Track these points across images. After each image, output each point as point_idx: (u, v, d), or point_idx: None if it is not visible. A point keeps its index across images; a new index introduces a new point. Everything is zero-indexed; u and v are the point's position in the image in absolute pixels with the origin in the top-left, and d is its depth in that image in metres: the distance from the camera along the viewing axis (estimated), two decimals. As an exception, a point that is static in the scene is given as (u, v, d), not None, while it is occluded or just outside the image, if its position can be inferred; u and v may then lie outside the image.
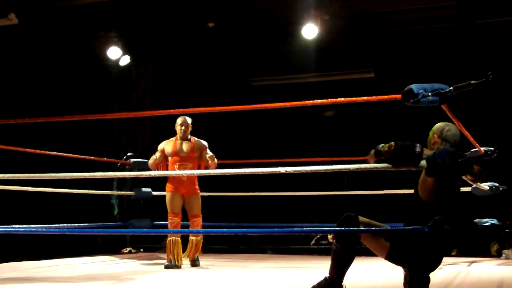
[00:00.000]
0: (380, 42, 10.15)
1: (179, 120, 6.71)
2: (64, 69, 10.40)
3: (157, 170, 6.76)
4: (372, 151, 3.89)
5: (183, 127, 6.69)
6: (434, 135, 4.12)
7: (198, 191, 6.73)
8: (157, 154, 6.76)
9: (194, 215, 6.66)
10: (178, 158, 6.64)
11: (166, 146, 6.75)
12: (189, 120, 6.75)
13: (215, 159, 6.57)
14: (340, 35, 9.89)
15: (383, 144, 3.79)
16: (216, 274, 6.05)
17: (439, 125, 4.15)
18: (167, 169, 6.73)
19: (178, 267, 6.49)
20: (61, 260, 7.20)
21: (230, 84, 11.13)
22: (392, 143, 3.74)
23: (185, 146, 6.66)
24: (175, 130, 6.76)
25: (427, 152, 3.87)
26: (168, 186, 6.71)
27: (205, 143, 6.75)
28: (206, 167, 6.61)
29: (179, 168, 6.58)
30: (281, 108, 4.97)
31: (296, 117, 10.54)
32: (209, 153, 6.65)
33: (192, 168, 6.61)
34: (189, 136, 6.74)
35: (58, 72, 10.33)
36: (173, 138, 6.76)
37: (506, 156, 3.97)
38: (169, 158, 6.71)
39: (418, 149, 3.68)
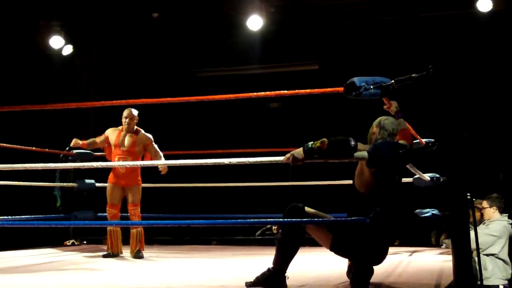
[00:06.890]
0: (325, 34, 10.22)
1: (124, 113, 6.68)
2: (4, 57, 10.15)
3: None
4: (291, 155, 3.81)
5: (127, 119, 6.65)
6: (373, 126, 4.20)
7: (140, 182, 6.72)
8: (101, 138, 6.79)
9: (132, 204, 6.65)
10: (119, 151, 6.63)
11: (111, 135, 6.73)
12: (135, 112, 6.71)
13: (161, 154, 6.59)
14: (285, 27, 9.94)
15: (312, 142, 3.75)
16: (160, 265, 6.02)
17: (378, 118, 4.24)
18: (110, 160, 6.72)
19: (116, 255, 6.60)
20: (1, 253, 7.07)
21: (175, 75, 11.06)
22: (324, 139, 3.72)
23: (127, 140, 6.63)
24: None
25: (366, 147, 3.93)
26: (109, 177, 6.74)
27: (150, 136, 6.71)
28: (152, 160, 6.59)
29: (118, 161, 6.57)
30: (226, 100, 4.98)
31: (241, 108, 10.55)
32: (155, 148, 6.65)
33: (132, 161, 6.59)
34: (135, 128, 6.69)
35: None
36: (120, 128, 6.73)
37: (446, 147, 4.05)
38: (112, 149, 6.69)
39: (352, 142, 3.72)
